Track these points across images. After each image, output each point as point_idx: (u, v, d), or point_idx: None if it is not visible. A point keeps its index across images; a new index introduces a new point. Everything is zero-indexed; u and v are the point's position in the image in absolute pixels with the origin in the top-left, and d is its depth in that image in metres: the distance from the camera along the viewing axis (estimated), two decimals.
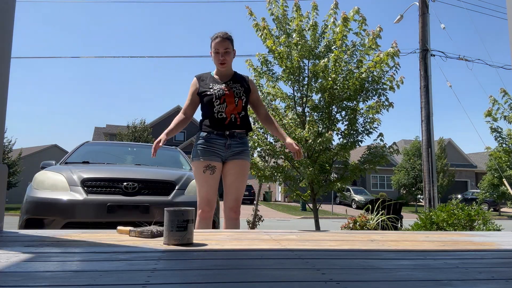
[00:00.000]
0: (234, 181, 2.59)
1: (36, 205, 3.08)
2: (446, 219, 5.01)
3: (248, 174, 2.71)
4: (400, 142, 33.61)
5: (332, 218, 18.43)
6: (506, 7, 2.54)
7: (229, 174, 2.59)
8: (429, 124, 9.06)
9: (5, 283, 0.99)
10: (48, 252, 1.42)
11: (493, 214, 21.57)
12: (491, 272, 1.23)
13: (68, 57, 58.86)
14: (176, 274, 1.12)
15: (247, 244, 1.72)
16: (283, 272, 1.19)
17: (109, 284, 1.00)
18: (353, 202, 26.47)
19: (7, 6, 2.02)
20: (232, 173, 2.59)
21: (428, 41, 9.37)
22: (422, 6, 9.50)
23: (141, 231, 1.82)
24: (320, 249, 1.65)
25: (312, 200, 6.93)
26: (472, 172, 36.71)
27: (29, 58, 51.65)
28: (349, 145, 6.53)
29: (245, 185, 2.66)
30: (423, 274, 1.19)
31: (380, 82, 6.40)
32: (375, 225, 5.53)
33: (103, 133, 32.55)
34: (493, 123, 10.11)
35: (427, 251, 1.64)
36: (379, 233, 2.39)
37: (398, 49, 6.36)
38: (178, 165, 4.55)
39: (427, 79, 9.16)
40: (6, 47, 2.00)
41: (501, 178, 17.50)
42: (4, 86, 1.99)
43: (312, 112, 6.62)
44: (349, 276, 1.14)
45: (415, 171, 27.83)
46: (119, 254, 1.41)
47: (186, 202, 3.25)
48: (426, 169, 9.03)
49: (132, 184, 3.24)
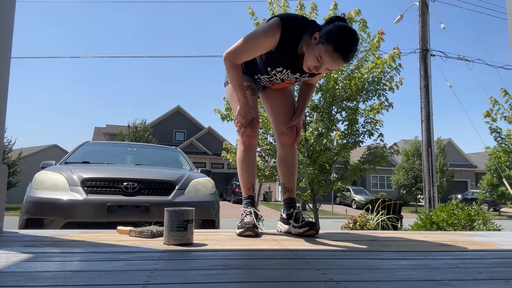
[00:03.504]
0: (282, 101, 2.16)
1: (36, 205, 3.08)
2: (446, 219, 5.02)
3: (293, 96, 2.23)
4: (400, 142, 33.61)
5: (332, 218, 18.44)
6: (506, 7, 2.54)
7: (272, 97, 2.19)
8: (429, 124, 9.06)
9: (5, 283, 0.99)
10: (48, 252, 1.42)
11: (493, 214, 21.60)
12: (491, 272, 1.23)
13: (68, 57, 58.98)
14: (176, 274, 1.12)
15: (247, 244, 1.72)
16: (283, 272, 1.19)
17: (109, 284, 1.00)
18: (353, 202, 26.48)
19: (7, 6, 2.02)
20: (274, 96, 2.18)
21: (428, 41, 9.37)
22: (422, 6, 9.50)
23: (141, 231, 1.82)
24: (320, 249, 1.65)
25: (312, 200, 6.93)
26: (472, 172, 36.71)
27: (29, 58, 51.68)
28: (349, 145, 6.54)
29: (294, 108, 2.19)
30: (423, 274, 1.19)
31: (381, 82, 6.41)
32: (375, 225, 5.53)
33: (103, 133, 32.55)
34: (492, 123, 10.12)
35: (427, 251, 1.64)
36: (379, 233, 2.39)
37: (400, 51, 6.38)
38: (178, 165, 4.55)
39: (427, 79, 9.16)
40: (6, 47, 2.00)
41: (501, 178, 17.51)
42: (4, 86, 1.99)
43: (312, 112, 6.62)
44: (349, 276, 1.14)
45: (415, 171, 27.83)
46: (119, 254, 1.41)
47: (186, 202, 3.25)
48: (426, 169, 9.03)
49: (132, 184, 3.24)
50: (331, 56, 1.69)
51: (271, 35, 1.80)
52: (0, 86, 1.96)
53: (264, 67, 1.99)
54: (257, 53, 1.92)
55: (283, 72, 1.97)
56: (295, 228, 2.01)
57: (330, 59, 1.70)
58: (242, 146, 2.12)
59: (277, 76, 2.00)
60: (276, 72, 1.98)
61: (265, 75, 2.04)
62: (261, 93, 2.27)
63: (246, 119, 2.00)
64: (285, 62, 1.92)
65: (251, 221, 1.99)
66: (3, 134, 2.08)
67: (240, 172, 2.16)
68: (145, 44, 70.99)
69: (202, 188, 3.53)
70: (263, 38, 1.82)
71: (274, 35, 1.79)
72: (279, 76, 2.00)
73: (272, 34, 1.80)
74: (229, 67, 1.95)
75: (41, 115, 66.07)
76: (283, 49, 1.84)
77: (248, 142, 2.08)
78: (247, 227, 1.94)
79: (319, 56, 1.72)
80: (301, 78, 2.03)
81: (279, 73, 1.98)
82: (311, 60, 1.76)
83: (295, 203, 2.15)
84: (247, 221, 1.98)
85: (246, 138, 2.06)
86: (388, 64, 6.29)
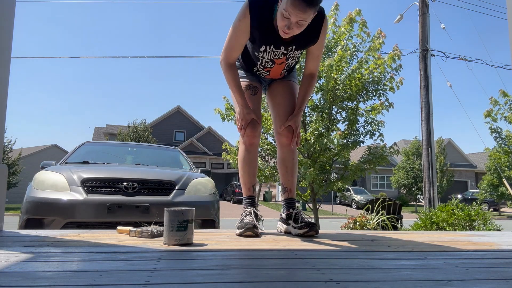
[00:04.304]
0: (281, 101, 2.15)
1: (36, 205, 3.08)
2: (446, 219, 5.02)
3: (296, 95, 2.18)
4: (400, 142, 33.61)
5: (332, 218, 18.44)
6: (506, 7, 2.54)
7: (274, 96, 2.19)
8: (429, 124, 9.06)
9: (5, 283, 0.99)
10: (48, 252, 1.42)
11: (493, 214, 21.58)
12: (491, 272, 1.23)
13: (68, 57, 58.53)
14: (176, 274, 1.12)
15: (247, 244, 1.72)
16: (283, 272, 1.19)
17: (109, 284, 1.00)
18: (353, 202, 26.48)
19: (7, 6, 2.02)
20: (276, 94, 2.18)
21: (428, 41, 9.37)
22: (422, 6, 9.50)
23: (141, 231, 1.82)
24: (320, 249, 1.65)
25: (312, 200, 6.93)
26: (472, 172, 36.71)
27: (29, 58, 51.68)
28: (350, 145, 6.54)
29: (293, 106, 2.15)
30: (423, 274, 1.19)
31: (381, 82, 6.41)
32: (375, 225, 5.53)
33: (103, 133, 32.55)
34: (493, 123, 10.12)
35: (427, 251, 1.64)
36: (379, 233, 2.39)
37: (400, 51, 6.39)
38: (178, 165, 4.55)
39: (427, 79, 9.16)
40: (6, 47, 2.00)
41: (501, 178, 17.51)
42: (4, 86, 1.99)
43: (312, 112, 6.62)
44: (349, 276, 1.14)
45: (415, 171, 27.83)
46: (119, 254, 1.41)
47: (186, 202, 3.25)
48: (426, 169, 9.03)
49: (132, 184, 3.24)
50: (293, 5, 1.65)
51: (243, 16, 1.85)
52: (0, 86, 1.96)
53: (254, 54, 2.01)
54: (241, 41, 1.94)
55: (267, 51, 1.96)
56: (295, 228, 2.01)
57: (293, 8, 1.66)
58: (243, 146, 2.13)
59: (265, 58, 1.99)
60: (262, 54, 1.98)
61: (258, 64, 2.05)
62: (267, 92, 2.28)
63: (245, 121, 2.02)
64: (264, 38, 1.91)
65: (251, 221, 1.99)
66: (3, 134, 2.08)
67: (241, 172, 2.17)
68: (145, 44, 71.05)
69: (202, 188, 3.53)
70: (238, 23, 1.88)
71: (245, 15, 1.85)
72: (266, 57, 1.99)
73: (243, 15, 1.85)
74: (224, 69, 1.99)
75: (41, 115, 66.16)
76: (258, 26, 1.87)
77: (248, 142, 2.09)
78: (247, 227, 1.94)
79: (285, 12, 1.69)
80: (290, 53, 1.98)
81: (264, 53, 1.97)
82: (280, 21, 1.75)
83: (294, 203, 2.15)
84: (247, 221, 1.98)
85: (247, 138, 2.07)
86: (389, 65, 6.29)
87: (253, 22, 1.85)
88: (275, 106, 2.19)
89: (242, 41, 1.94)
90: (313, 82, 2.14)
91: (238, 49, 1.97)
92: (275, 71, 2.10)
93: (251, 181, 2.17)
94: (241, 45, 1.96)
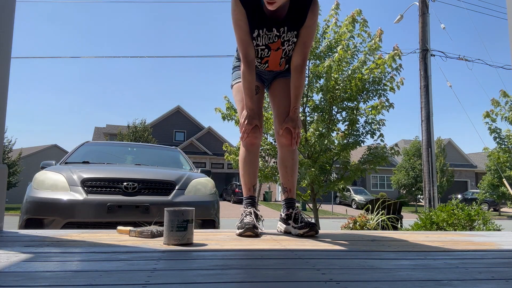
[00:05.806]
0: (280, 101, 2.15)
1: (36, 205, 3.08)
2: (446, 219, 5.02)
3: None
4: (400, 142, 33.62)
5: (332, 218, 18.44)
6: (506, 7, 2.54)
7: (274, 96, 2.21)
8: (429, 124, 9.06)
9: (5, 283, 0.99)
10: (48, 252, 1.42)
11: (493, 214, 21.60)
12: (491, 272, 1.23)
13: (68, 57, 58.58)
14: (176, 274, 1.12)
15: (247, 244, 1.72)
16: (283, 272, 1.19)
17: (109, 284, 0.99)
18: (353, 202, 26.48)
19: (7, 6, 2.02)
20: (276, 95, 2.19)
21: (428, 41, 9.37)
22: (422, 6, 9.50)
23: (141, 231, 1.81)
24: (320, 249, 1.65)
25: (312, 200, 6.93)
26: (472, 172, 36.72)
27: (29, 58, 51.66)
28: (350, 145, 6.54)
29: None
30: (423, 274, 1.19)
31: (381, 83, 6.41)
32: (375, 225, 5.53)
33: (103, 133, 32.56)
34: (492, 123, 10.12)
35: (427, 251, 1.64)
36: (379, 233, 2.39)
37: (400, 51, 6.39)
38: (178, 165, 4.55)
39: (427, 79, 9.16)
40: (6, 47, 2.00)
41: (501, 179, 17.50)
42: (4, 86, 1.99)
43: (313, 112, 6.63)
44: (349, 276, 1.14)
45: (415, 171, 27.84)
46: (119, 254, 1.41)
47: (186, 202, 3.25)
48: (426, 169, 9.03)
49: (132, 184, 3.24)
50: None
51: (235, 5, 1.89)
52: (0, 86, 1.96)
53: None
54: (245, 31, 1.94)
55: (260, 35, 1.95)
56: (295, 229, 2.01)
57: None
58: (244, 147, 2.14)
59: (260, 45, 1.99)
60: (256, 41, 1.97)
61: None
62: (268, 91, 2.28)
63: (250, 125, 2.02)
64: (256, 22, 1.92)
65: (251, 221, 1.99)
66: (3, 134, 2.08)
67: (242, 172, 2.17)
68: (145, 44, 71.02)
69: (202, 188, 3.53)
70: (234, 14, 1.91)
71: (236, 3, 1.89)
72: (261, 43, 1.98)
73: (235, 4, 1.89)
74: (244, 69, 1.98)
75: (41, 115, 66.15)
76: (249, 12, 1.90)
77: (249, 142, 2.09)
78: (247, 228, 1.94)
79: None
80: (283, 35, 1.97)
81: (258, 38, 1.96)
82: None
83: (294, 203, 2.15)
84: (247, 221, 1.98)
85: (248, 138, 2.08)
86: (389, 65, 6.29)
87: (246, 8, 1.88)
88: (275, 107, 2.20)
89: (245, 31, 1.93)
90: (302, 76, 2.05)
91: (248, 41, 1.96)
92: (273, 60, 2.07)
93: (252, 181, 2.17)
94: (248, 35, 1.95)
